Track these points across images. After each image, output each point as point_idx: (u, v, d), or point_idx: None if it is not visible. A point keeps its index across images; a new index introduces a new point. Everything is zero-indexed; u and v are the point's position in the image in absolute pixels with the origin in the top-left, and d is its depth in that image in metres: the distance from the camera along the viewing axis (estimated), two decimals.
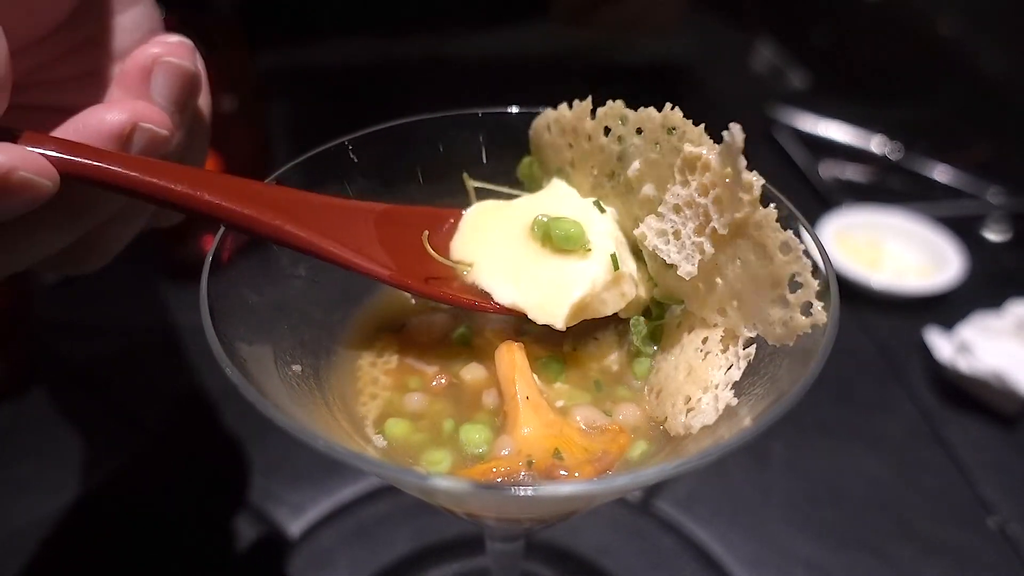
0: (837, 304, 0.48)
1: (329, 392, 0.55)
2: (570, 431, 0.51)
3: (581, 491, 0.45)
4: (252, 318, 0.52)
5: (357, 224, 0.54)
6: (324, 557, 0.92)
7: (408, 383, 0.56)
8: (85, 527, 0.94)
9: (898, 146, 1.62)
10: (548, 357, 0.57)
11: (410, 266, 0.55)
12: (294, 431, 0.41)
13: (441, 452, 0.51)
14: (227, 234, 0.53)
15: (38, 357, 1.14)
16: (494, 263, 0.56)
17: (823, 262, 0.50)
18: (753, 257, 0.48)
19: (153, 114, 0.48)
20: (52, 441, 1.03)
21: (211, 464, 1.01)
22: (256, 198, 0.50)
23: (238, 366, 0.45)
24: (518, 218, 0.58)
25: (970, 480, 1.02)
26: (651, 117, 0.53)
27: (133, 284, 1.25)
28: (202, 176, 0.49)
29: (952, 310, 1.22)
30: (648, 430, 0.54)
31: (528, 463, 0.49)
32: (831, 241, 1.30)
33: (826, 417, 1.10)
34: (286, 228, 0.50)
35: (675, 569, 0.92)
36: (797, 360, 0.48)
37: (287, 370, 0.52)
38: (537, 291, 0.54)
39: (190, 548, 0.92)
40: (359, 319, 0.61)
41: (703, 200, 0.49)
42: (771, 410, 0.44)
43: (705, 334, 0.53)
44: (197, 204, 0.48)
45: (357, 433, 0.52)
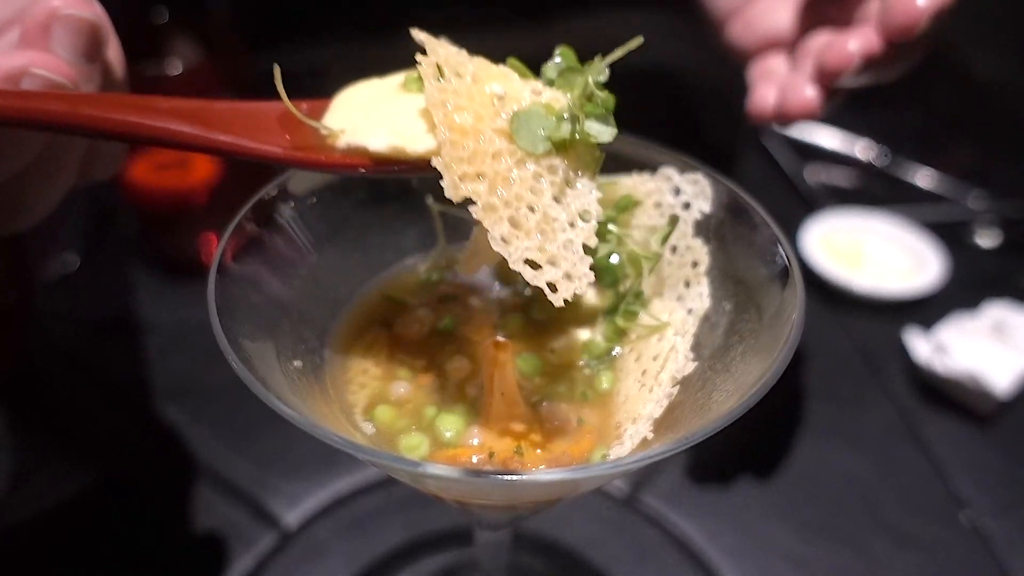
0: (803, 308, 0.51)
1: (326, 384, 0.58)
2: (536, 431, 0.54)
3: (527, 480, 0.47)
4: (255, 316, 0.54)
5: (252, 120, 0.54)
6: (320, 547, 0.94)
7: (397, 373, 0.59)
8: (84, 517, 0.96)
9: (884, 151, 1.65)
10: (529, 353, 0.59)
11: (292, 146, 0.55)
12: (299, 423, 0.44)
13: (419, 437, 0.54)
14: (232, 236, 0.55)
15: (39, 350, 1.16)
16: (366, 121, 0.54)
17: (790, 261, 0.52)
18: None
19: (48, 61, 0.48)
20: (51, 433, 1.06)
21: (209, 456, 1.03)
22: (145, 107, 0.50)
23: (244, 362, 0.47)
24: (388, 83, 0.57)
25: (944, 477, 1.06)
26: None
27: (131, 279, 1.28)
28: (95, 97, 0.50)
29: (931, 312, 1.25)
30: (613, 438, 0.56)
31: (490, 455, 0.52)
32: (815, 244, 1.33)
33: (807, 415, 1.14)
34: (173, 128, 0.50)
35: (660, 560, 0.95)
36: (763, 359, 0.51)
37: (289, 365, 0.55)
38: (412, 122, 0.52)
39: (188, 537, 0.95)
40: (353, 315, 0.64)
41: None
42: (732, 409, 0.47)
43: (646, 367, 0.56)
44: (91, 121, 0.47)
45: (348, 421, 0.55)
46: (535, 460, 0.53)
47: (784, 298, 0.53)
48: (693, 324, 0.56)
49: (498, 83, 0.52)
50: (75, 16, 0.50)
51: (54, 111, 0.46)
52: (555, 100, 0.52)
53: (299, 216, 0.61)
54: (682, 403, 0.55)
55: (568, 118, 0.51)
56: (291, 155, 0.52)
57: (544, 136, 0.50)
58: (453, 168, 0.47)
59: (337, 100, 0.56)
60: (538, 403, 0.57)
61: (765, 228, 0.57)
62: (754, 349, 0.53)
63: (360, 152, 0.52)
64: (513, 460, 0.52)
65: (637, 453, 0.49)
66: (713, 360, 0.57)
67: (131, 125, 0.48)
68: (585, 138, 0.51)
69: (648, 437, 0.51)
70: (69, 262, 1.28)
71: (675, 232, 0.61)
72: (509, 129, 0.50)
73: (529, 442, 0.53)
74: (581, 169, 0.51)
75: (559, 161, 0.50)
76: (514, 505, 0.58)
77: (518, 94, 0.52)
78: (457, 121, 0.49)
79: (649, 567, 0.94)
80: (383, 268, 0.67)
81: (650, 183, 0.62)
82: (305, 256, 0.61)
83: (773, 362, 0.48)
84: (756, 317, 0.56)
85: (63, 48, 0.50)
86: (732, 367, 0.54)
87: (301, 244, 0.61)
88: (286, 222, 0.60)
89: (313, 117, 0.53)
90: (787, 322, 0.51)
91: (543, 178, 0.50)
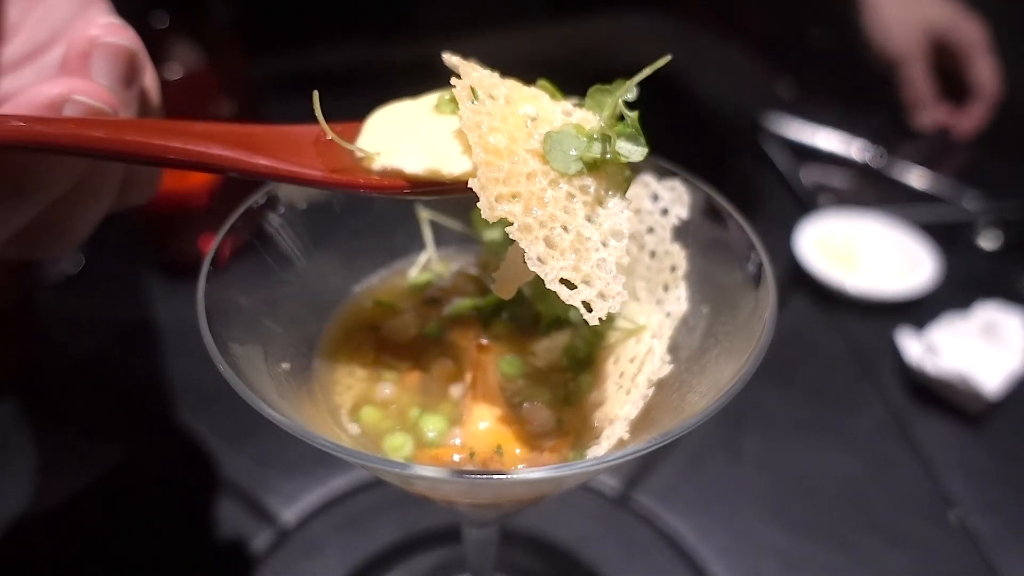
0: (775, 309, 0.52)
1: (314, 386, 0.59)
2: (517, 432, 0.56)
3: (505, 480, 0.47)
4: (244, 319, 0.56)
5: (288, 144, 0.55)
6: (315, 544, 0.96)
7: (383, 375, 0.61)
8: (86, 515, 0.98)
9: (880, 151, 1.66)
10: (512, 356, 0.61)
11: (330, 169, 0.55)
12: (285, 425, 0.45)
13: (403, 437, 0.56)
14: (224, 240, 0.57)
15: (41, 351, 1.18)
16: (400, 143, 0.55)
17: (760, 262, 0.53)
18: None
19: (89, 88, 0.49)
20: (55, 432, 1.08)
21: (208, 454, 1.05)
22: (184, 132, 0.51)
23: (231, 364, 0.49)
24: (420, 105, 0.57)
25: (934, 476, 1.07)
26: None
27: (133, 281, 1.30)
28: (135, 122, 0.51)
29: (924, 312, 1.27)
30: (591, 438, 0.57)
31: (471, 454, 0.53)
32: (809, 244, 1.34)
33: (799, 414, 1.15)
34: (215, 152, 0.51)
35: (651, 558, 0.97)
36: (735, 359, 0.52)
37: (276, 368, 0.56)
38: (447, 144, 0.53)
39: (187, 535, 0.96)
40: (341, 319, 0.66)
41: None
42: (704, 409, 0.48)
43: (623, 369, 0.57)
44: (126, 146, 0.48)
45: (335, 422, 0.57)
46: (514, 460, 0.54)
47: (758, 300, 0.55)
48: (670, 327, 0.58)
49: (530, 104, 0.53)
50: (113, 44, 0.52)
51: (96, 137, 0.47)
52: (585, 121, 0.53)
53: (289, 222, 0.63)
54: (659, 404, 0.56)
55: (599, 138, 0.51)
56: (331, 178, 0.53)
57: (576, 156, 0.51)
58: (489, 189, 0.48)
59: (370, 122, 0.57)
60: (519, 404, 0.59)
61: (741, 233, 0.58)
62: (728, 351, 0.55)
63: (397, 174, 0.53)
64: (493, 460, 0.54)
65: (612, 453, 0.50)
66: (690, 362, 0.58)
67: (173, 150, 0.49)
68: (616, 158, 0.52)
69: (624, 437, 0.52)
70: (73, 264, 1.30)
71: (653, 237, 0.62)
72: (542, 150, 0.51)
73: (509, 442, 0.55)
74: (612, 188, 0.52)
75: (591, 181, 0.51)
76: (498, 503, 0.60)
77: (550, 115, 0.53)
78: (492, 142, 0.49)
79: (640, 565, 0.96)
80: (371, 273, 0.69)
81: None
82: (294, 261, 0.63)
83: (744, 363, 0.50)
84: (731, 319, 0.57)
85: (102, 75, 0.51)
86: (707, 369, 0.55)
87: (290, 249, 0.63)
88: (276, 228, 0.62)
89: (346, 139, 0.54)
90: (759, 323, 0.52)
91: (576, 198, 0.51)
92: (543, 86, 0.56)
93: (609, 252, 0.50)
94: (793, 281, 1.35)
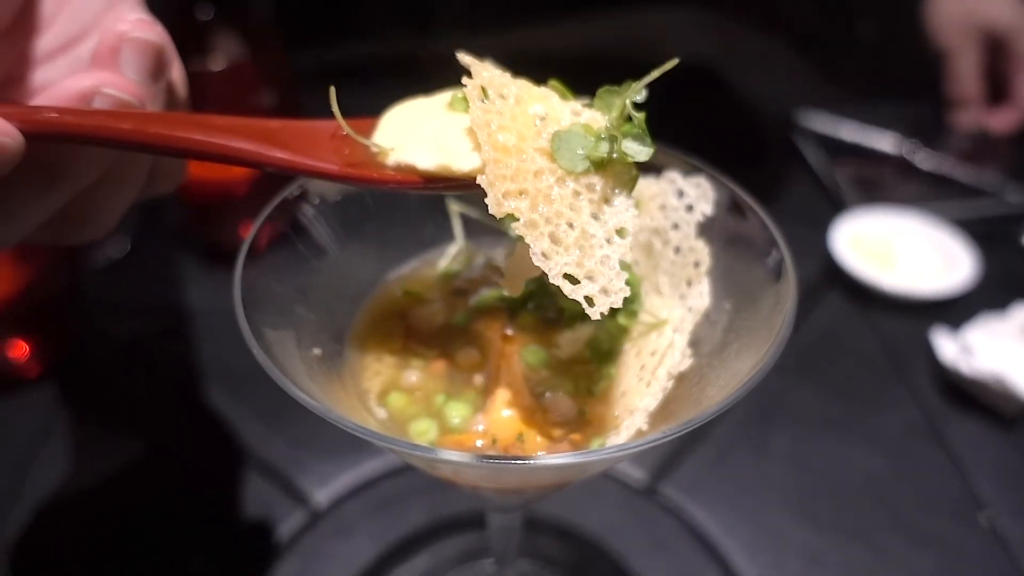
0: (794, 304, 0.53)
1: (344, 371, 0.61)
2: (539, 420, 0.57)
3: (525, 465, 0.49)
4: (278, 305, 0.58)
5: (305, 138, 0.57)
6: (346, 526, 0.99)
7: (410, 362, 0.63)
8: (124, 493, 1.02)
9: (918, 146, 1.64)
10: (536, 347, 0.62)
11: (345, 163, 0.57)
12: (313, 407, 0.48)
13: (428, 422, 0.58)
14: (260, 229, 0.59)
15: (86, 334, 1.22)
16: (414, 139, 0.56)
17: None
18: None
19: (117, 81, 0.51)
20: (97, 412, 1.12)
21: (245, 435, 1.08)
22: (206, 125, 0.53)
23: (264, 348, 0.51)
24: (434, 102, 0.59)
25: (965, 477, 1.06)
26: None
27: (176, 268, 1.34)
28: (161, 116, 0.53)
29: (960, 312, 1.25)
30: (611, 428, 0.59)
31: (493, 441, 0.55)
32: (845, 243, 1.34)
33: (829, 412, 1.15)
34: (235, 146, 0.53)
35: (675, 550, 0.98)
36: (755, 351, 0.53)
37: (308, 352, 0.58)
38: (458, 141, 0.54)
39: (222, 513, 1.00)
40: (371, 306, 0.68)
41: None
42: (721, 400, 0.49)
43: (644, 362, 0.58)
44: (151, 138, 0.50)
45: (363, 407, 0.59)
46: (535, 447, 0.56)
47: (779, 296, 0.55)
48: (691, 321, 0.59)
49: (539, 104, 0.54)
50: (142, 39, 0.54)
51: (123, 129, 0.49)
52: (594, 121, 0.54)
53: (323, 213, 0.65)
54: (679, 397, 0.58)
55: (606, 138, 0.53)
56: (345, 172, 0.55)
57: (583, 155, 0.52)
58: (497, 186, 0.49)
59: (385, 118, 0.59)
60: (542, 394, 0.60)
61: (764, 230, 0.59)
62: (748, 346, 0.55)
63: (409, 169, 0.54)
64: (515, 446, 0.55)
65: (629, 442, 0.52)
66: (711, 356, 0.59)
67: (195, 143, 0.51)
68: (622, 157, 0.53)
69: (643, 428, 0.53)
70: (119, 249, 1.35)
71: (678, 233, 0.63)
72: (550, 148, 0.52)
73: (531, 430, 0.56)
74: (618, 187, 0.53)
75: (597, 179, 0.52)
76: (521, 489, 0.61)
77: (558, 115, 0.54)
78: (501, 140, 0.51)
79: (664, 556, 0.97)
80: (402, 263, 0.71)
81: (655, 186, 0.65)
82: (328, 250, 0.65)
83: (762, 357, 0.50)
84: (752, 315, 0.58)
85: (131, 69, 0.53)
86: (727, 363, 0.56)
87: (324, 239, 0.65)
88: (311, 218, 0.64)
89: (362, 134, 0.56)
90: (779, 318, 0.53)
91: (582, 196, 0.52)
92: (554, 86, 0.57)
93: (613, 249, 0.51)
94: (828, 279, 1.34)
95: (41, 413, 1.10)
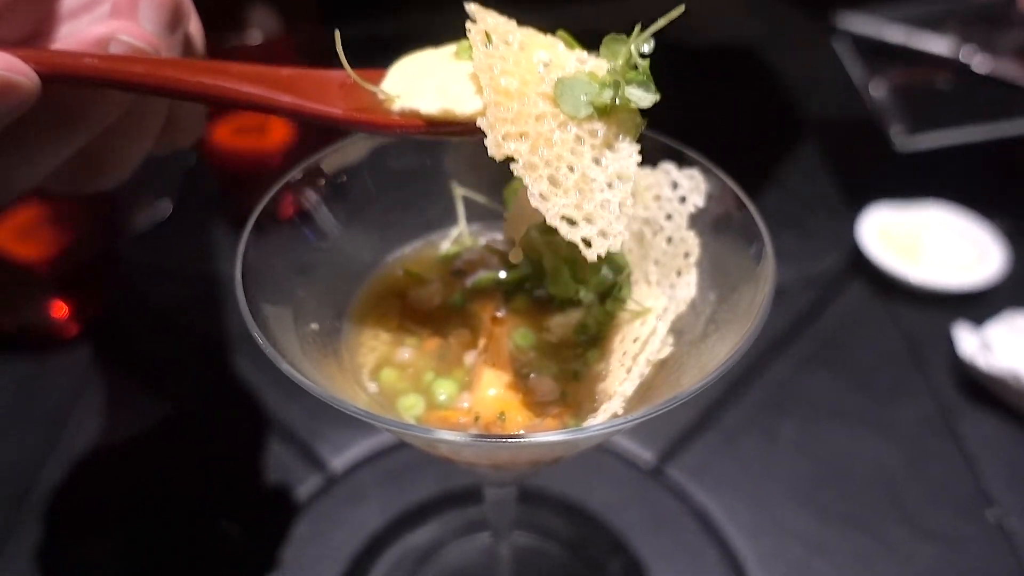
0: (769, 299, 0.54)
1: (340, 346, 0.64)
2: (522, 400, 0.59)
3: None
4: (277, 281, 0.61)
5: (315, 84, 0.58)
6: (360, 492, 1.03)
7: (404, 340, 0.65)
8: (151, 454, 1.07)
9: (973, 48, 1.44)
10: (526, 329, 0.65)
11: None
12: (303, 384, 0.51)
13: (416, 397, 0.60)
14: (269, 205, 0.62)
15: (120, 298, 1.27)
16: (420, 87, 0.57)
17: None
18: None
19: (133, 29, 0.53)
20: (127, 375, 1.17)
21: (266, 402, 1.12)
22: (218, 70, 0.55)
23: (260, 324, 0.54)
24: (442, 52, 0.60)
25: (976, 473, 1.06)
26: None
27: (211, 236, 1.38)
28: (173, 61, 0.56)
29: (985, 307, 1.23)
30: (588, 411, 0.60)
31: (476, 418, 0.57)
32: (871, 233, 1.32)
33: (842, 402, 1.15)
34: (243, 89, 0.55)
35: (677, 531, 0.99)
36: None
37: (305, 328, 0.61)
38: (462, 87, 0.55)
39: (243, 475, 1.04)
40: (371, 285, 0.70)
41: None
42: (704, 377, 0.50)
43: (627, 348, 0.60)
44: (162, 81, 0.52)
45: (356, 382, 0.61)
46: (515, 426, 0.58)
47: (757, 290, 0.57)
48: (674, 311, 0.60)
49: (544, 51, 0.55)
50: None
51: (135, 72, 0.51)
52: (599, 68, 0.55)
53: (328, 193, 0.68)
54: (657, 384, 0.59)
55: (610, 84, 0.53)
56: (350, 115, 0.56)
57: (586, 101, 0.52)
58: (497, 128, 0.50)
59: (394, 68, 0.60)
60: (528, 375, 0.62)
61: (752, 224, 0.60)
62: (723, 338, 0.57)
63: (413, 114, 0.55)
64: (495, 424, 0.58)
65: (597, 424, 0.54)
66: (691, 346, 0.60)
67: (204, 86, 0.53)
68: (626, 103, 0.53)
69: (618, 413, 0.55)
70: (158, 215, 1.40)
71: (670, 224, 0.64)
72: (553, 94, 0.53)
73: (513, 409, 0.58)
74: (622, 133, 0.53)
75: (600, 125, 0.53)
76: (502, 465, 0.64)
77: (563, 62, 0.55)
78: (503, 84, 0.51)
79: (665, 537, 0.99)
80: (404, 244, 0.74)
81: (650, 177, 0.66)
82: (330, 230, 0.68)
83: (732, 350, 0.52)
84: (732, 308, 0.59)
85: (148, 21, 0.55)
86: (703, 353, 0.58)
87: (328, 218, 0.68)
88: (316, 198, 0.67)
89: (371, 83, 0.58)
90: (753, 312, 0.54)
91: (584, 141, 0.52)
92: (561, 36, 0.58)
93: (614, 193, 0.51)
94: (852, 269, 1.34)
95: (77, 370, 1.15)
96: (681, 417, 1.12)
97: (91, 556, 0.94)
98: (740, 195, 0.62)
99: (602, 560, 0.97)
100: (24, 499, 0.99)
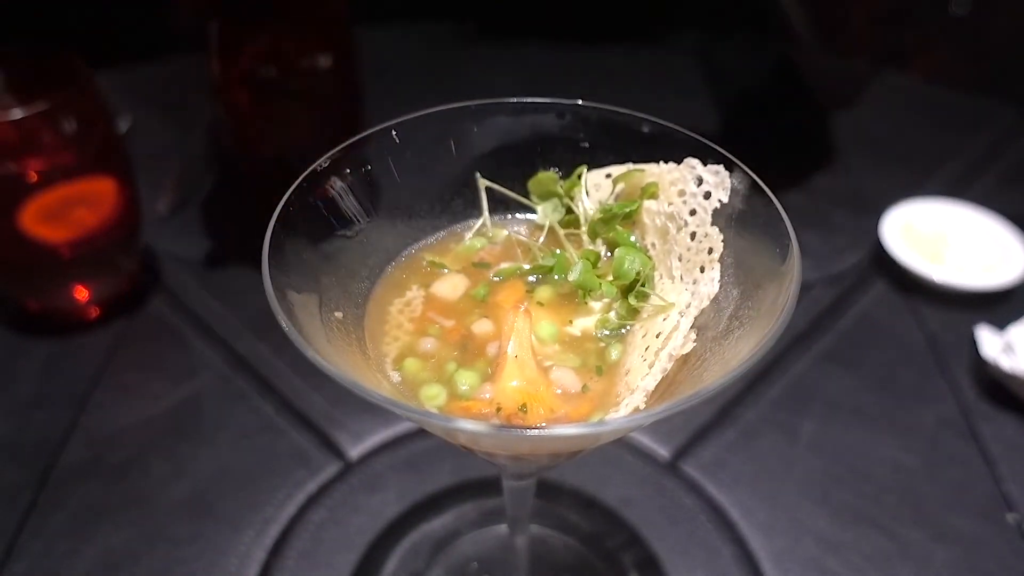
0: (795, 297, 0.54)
1: (364, 335, 0.65)
2: (544, 392, 0.59)
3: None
4: (303, 269, 0.61)
5: None
6: (377, 480, 1.03)
7: (427, 330, 0.65)
8: (171, 433, 1.08)
9: None
10: (549, 322, 0.65)
11: None
12: (326, 370, 0.51)
13: (438, 388, 0.60)
14: (295, 193, 0.62)
15: (143, 282, 1.28)
16: None
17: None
18: None
19: None
20: (150, 357, 1.18)
21: (287, 389, 1.13)
22: None
23: (286, 311, 0.54)
24: None
25: (996, 476, 1.05)
26: None
27: (231, 225, 1.39)
28: None
29: (1011, 308, 1.22)
30: (611, 405, 0.60)
31: (497, 409, 0.57)
32: (895, 232, 1.31)
33: (862, 401, 1.14)
34: None
35: (692, 526, 0.99)
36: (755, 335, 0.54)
37: (330, 316, 0.62)
38: None
39: (263, 459, 1.05)
40: (396, 275, 0.70)
41: None
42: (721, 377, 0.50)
43: (649, 343, 0.60)
44: None
45: (379, 370, 0.62)
46: (537, 418, 0.58)
47: (781, 288, 0.56)
48: (697, 307, 0.60)
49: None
50: None
51: None
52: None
53: (354, 183, 0.68)
54: (679, 379, 0.59)
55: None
56: None
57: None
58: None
59: None
60: (550, 368, 0.62)
61: (778, 221, 0.60)
62: (746, 335, 0.56)
63: None
64: (517, 416, 0.58)
65: (618, 419, 0.54)
66: (714, 342, 0.60)
67: None
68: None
69: (640, 407, 0.55)
70: (180, 203, 1.41)
71: (695, 219, 0.64)
72: None
73: (535, 401, 0.59)
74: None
75: None
76: (525, 457, 0.64)
77: None
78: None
79: (680, 532, 0.99)
80: (429, 234, 0.74)
81: (675, 172, 0.65)
82: (355, 219, 0.68)
83: (755, 347, 0.52)
84: (756, 305, 0.59)
85: None
86: (727, 350, 0.57)
87: (354, 206, 0.68)
88: (341, 188, 0.67)
89: None
90: (777, 310, 0.54)
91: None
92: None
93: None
94: (875, 267, 1.33)
95: (98, 353, 1.17)
96: (699, 413, 1.11)
97: (109, 535, 0.95)
98: (766, 191, 0.61)
99: (617, 554, 0.97)
100: (46, 478, 1.01)
